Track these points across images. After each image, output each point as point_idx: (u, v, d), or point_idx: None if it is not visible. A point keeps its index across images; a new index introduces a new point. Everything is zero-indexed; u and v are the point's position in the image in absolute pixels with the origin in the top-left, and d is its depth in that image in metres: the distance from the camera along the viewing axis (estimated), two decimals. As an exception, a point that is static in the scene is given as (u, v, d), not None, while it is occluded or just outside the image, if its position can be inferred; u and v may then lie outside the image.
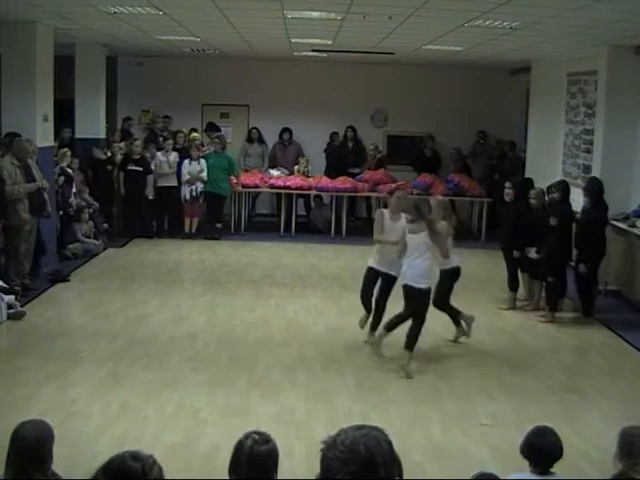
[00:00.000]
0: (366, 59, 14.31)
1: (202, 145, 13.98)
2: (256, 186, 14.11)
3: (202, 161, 13.35)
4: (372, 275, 7.84)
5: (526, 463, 3.80)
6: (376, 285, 7.85)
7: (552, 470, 3.75)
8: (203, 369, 7.08)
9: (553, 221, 8.91)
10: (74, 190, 11.77)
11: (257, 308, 9.26)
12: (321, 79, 15.75)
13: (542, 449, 3.75)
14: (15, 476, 3.25)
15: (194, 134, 14.22)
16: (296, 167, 14.71)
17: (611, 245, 9.45)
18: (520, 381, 7.12)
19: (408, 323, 7.24)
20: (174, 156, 13.39)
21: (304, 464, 5.02)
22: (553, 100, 13.09)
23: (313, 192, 14.27)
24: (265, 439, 3.02)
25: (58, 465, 3.50)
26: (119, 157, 13.20)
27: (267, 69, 15.68)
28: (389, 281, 7.71)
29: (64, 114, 12.52)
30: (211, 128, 15.00)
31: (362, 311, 7.95)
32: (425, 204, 7.36)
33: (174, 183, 13.36)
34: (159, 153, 13.42)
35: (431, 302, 7.39)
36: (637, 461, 3.57)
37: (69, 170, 11.63)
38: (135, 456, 2.03)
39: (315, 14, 8.92)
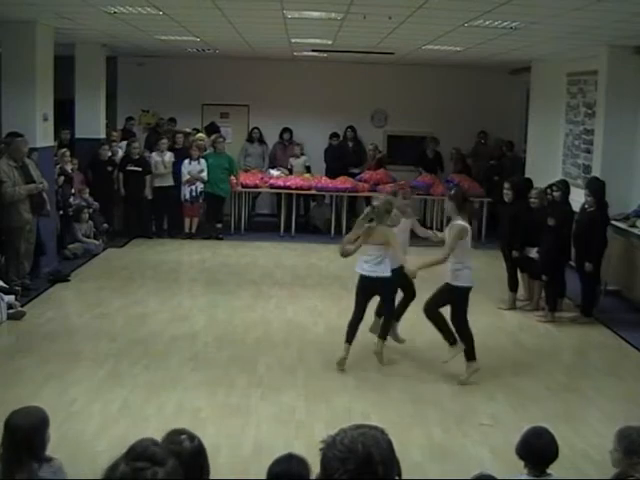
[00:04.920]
0: (366, 59, 14.32)
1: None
2: (256, 186, 14.11)
3: (202, 161, 13.35)
4: None
5: (526, 463, 3.80)
6: None
7: (549, 471, 3.74)
8: (203, 369, 7.09)
9: (551, 221, 8.92)
10: (73, 190, 11.79)
11: (257, 308, 9.27)
12: (321, 79, 15.75)
13: (538, 450, 3.72)
14: (9, 461, 3.39)
15: (200, 134, 14.20)
16: (291, 159, 14.81)
17: (611, 245, 9.45)
18: (520, 381, 7.12)
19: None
20: (169, 156, 13.38)
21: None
22: (553, 100, 13.08)
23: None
24: None
25: (58, 465, 3.52)
26: (119, 157, 13.23)
27: (267, 69, 15.69)
28: None
29: (64, 114, 12.53)
30: (212, 128, 15.00)
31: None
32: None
33: (170, 183, 13.34)
34: (154, 154, 13.41)
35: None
36: (636, 460, 3.57)
37: (69, 170, 11.65)
38: (155, 442, 2.10)
39: (315, 14, 8.92)
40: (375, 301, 7.48)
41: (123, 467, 1.93)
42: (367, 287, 7.19)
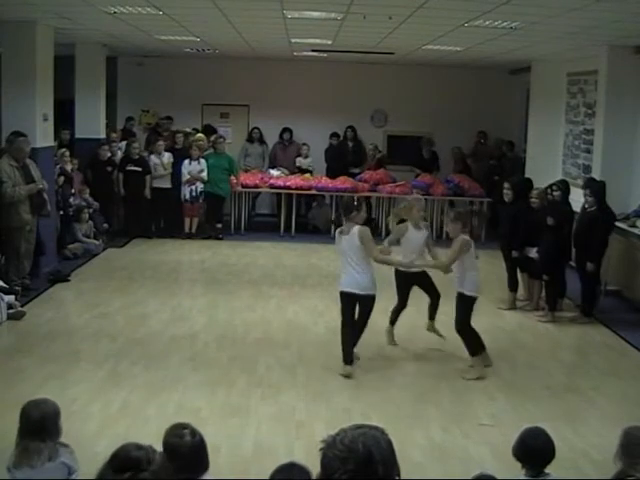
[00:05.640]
0: (366, 59, 14.32)
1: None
2: (256, 186, 14.11)
3: (202, 161, 13.35)
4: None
5: (525, 463, 3.80)
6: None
7: (547, 471, 3.73)
8: (203, 369, 7.09)
9: (550, 221, 8.92)
10: (73, 190, 11.79)
11: (257, 308, 9.26)
12: (321, 79, 15.76)
13: (535, 451, 3.72)
14: (25, 448, 3.67)
15: (200, 134, 14.20)
16: (298, 159, 14.85)
17: (611, 245, 9.45)
18: (520, 381, 7.12)
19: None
20: (167, 157, 13.37)
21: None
22: (553, 100, 13.09)
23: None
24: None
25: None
26: (118, 157, 13.23)
27: (267, 69, 15.69)
28: None
29: (64, 114, 12.53)
30: (209, 130, 14.99)
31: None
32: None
33: (168, 185, 13.30)
34: (152, 156, 13.38)
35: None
36: (636, 460, 3.57)
37: (69, 170, 11.64)
38: (138, 446, 2.08)
39: (315, 14, 8.92)
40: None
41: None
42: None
